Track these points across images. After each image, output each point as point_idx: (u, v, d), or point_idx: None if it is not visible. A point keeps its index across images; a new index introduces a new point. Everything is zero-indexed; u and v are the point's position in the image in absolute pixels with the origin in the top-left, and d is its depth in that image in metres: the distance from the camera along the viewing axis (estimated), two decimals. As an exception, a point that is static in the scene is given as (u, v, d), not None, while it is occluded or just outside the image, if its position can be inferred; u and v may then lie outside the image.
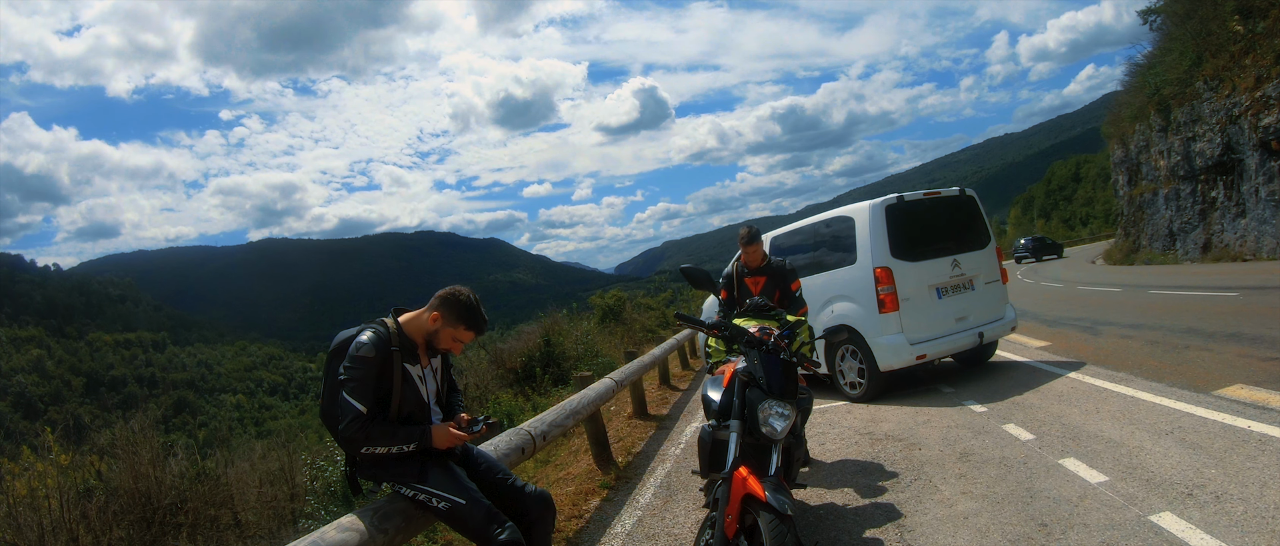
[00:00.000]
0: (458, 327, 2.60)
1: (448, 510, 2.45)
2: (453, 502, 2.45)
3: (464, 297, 2.61)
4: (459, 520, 2.46)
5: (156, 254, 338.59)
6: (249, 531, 5.90)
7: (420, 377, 2.63)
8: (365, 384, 2.44)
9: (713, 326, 3.28)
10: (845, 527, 3.45)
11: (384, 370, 2.50)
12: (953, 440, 4.57)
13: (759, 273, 4.86)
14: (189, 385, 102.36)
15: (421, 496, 2.48)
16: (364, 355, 2.46)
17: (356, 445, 2.43)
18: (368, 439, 2.41)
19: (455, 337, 2.62)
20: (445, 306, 2.59)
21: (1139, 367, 5.85)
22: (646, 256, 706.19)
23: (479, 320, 2.63)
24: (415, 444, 2.46)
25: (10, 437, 46.78)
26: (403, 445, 2.44)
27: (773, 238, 7.76)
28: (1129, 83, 27.78)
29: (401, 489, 2.52)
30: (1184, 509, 2.95)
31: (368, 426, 2.41)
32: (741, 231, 4.88)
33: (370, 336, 2.51)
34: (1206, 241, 20.13)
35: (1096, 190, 69.52)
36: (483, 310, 2.66)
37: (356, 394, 2.41)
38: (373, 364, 2.46)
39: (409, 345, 2.58)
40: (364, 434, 2.40)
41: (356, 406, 2.40)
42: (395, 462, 2.50)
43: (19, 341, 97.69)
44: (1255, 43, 16.99)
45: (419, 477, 2.49)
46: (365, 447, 2.42)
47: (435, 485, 2.47)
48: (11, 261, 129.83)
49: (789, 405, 2.85)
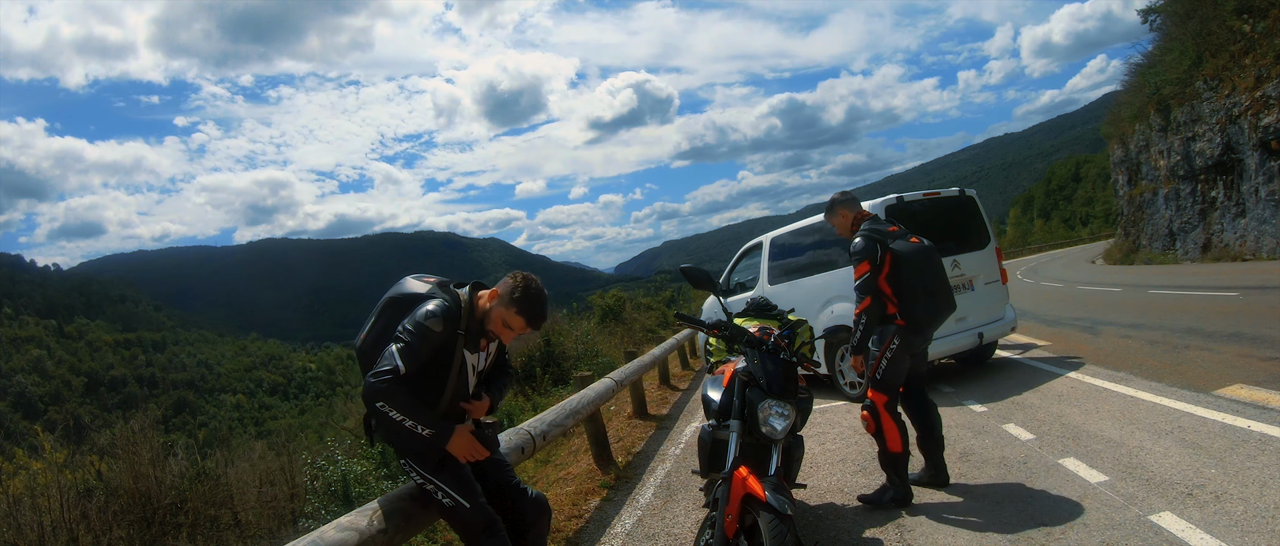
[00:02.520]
0: (510, 311, 2.42)
1: (451, 508, 2.42)
2: (458, 503, 2.40)
3: (527, 283, 2.44)
4: (459, 521, 2.44)
5: (156, 254, 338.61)
6: (249, 531, 5.91)
7: (474, 367, 2.53)
8: (419, 353, 2.32)
9: (713, 326, 3.28)
10: (845, 527, 3.45)
11: (443, 352, 2.39)
12: (953, 440, 4.56)
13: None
14: (189, 385, 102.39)
15: (429, 486, 2.43)
16: (431, 327, 2.33)
17: (375, 397, 2.27)
18: (390, 399, 2.26)
19: (506, 322, 2.44)
20: (505, 287, 2.45)
21: (1139, 367, 5.85)
22: (646, 256, 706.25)
23: (533, 310, 2.42)
24: (431, 434, 2.31)
25: (10, 438, 46.76)
26: (419, 427, 2.30)
27: (773, 238, 7.77)
28: (1129, 82, 27.77)
29: (413, 472, 2.46)
30: (1184, 509, 2.95)
31: (398, 387, 2.27)
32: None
33: (440, 308, 2.36)
34: (1206, 241, 20.12)
35: (1096, 190, 69.54)
36: (545, 305, 2.46)
37: (405, 355, 2.29)
38: (435, 340, 2.34)
39: (475, 330, 2.45)
40: (390, 393, 2.26)
41: (398, 363, 2.27)
42: (416, 440, 2.37)
43: (19, 341, 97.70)
44: (1255, 43, 16.99)
45: (434, 468, 2.43)
46: (381, 405, 2.27)
47: (446, 480, 2.42)
48: (11, 261, 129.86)
49: (789, 405, 2.85)
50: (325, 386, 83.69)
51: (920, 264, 3.46)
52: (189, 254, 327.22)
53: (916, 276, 3.46)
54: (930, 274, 3.49)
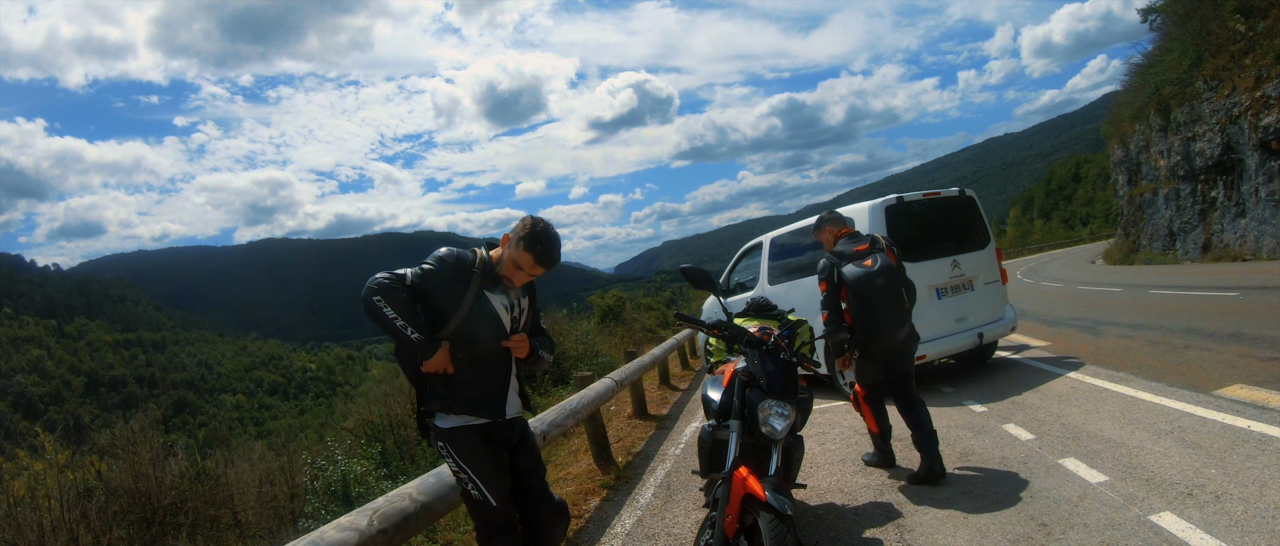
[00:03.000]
0: (518, 249, 2.44)
1: (478, 500, 2.42)
2: (485, 498, 2.41)
3: (535, 223, 2.48)
4: (481, 515, 2.45)
5: (156, 254, 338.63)
6: (249, 531, 5.90)
7: (505, 305, 2.53)
8: (428, 278, 2.39)
9: (713, 326, 3.28)
10: (845, 527, 3.45)
11: (455, 287, 2.42)
12: (953, 440, 4.57)
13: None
14: (189, 385, 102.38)
15: (462, 475, 2.43)
16: (443, 258, 2.42)
17: (373, 292, 2.30)
18: (387, 295, 2.30)
19: (515, 262, 2.46)
20: (514, 230, 2.50)
21: (1139, 367, 5.85)
22: (645, 256, 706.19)
23: (539, 247, 2.41)
24: (420, 339, 2.32)
25: (10, 437, 46.80)
26: (409, 329, 2.31)
27: (773, 238, 7.77)
28: (1129, 82, 27.78)
29: (448, 456, 2.46)
30: (1184, 509, 2.95)
31: (394, 288, 2.32)
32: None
33: (454, 250, 2.47)
34: (1206, 241, 20.12)
35: (1096, 190, 69.54)
36: (553, 244, 2.44)
37: (419, 276, 2.38)
38: (448, 270, 2.41)
39: (492, 272, 2.50)
40: (389, 288, 2.32)
41: (402, 272, 2.36)
42: (461, 432, 2.44)
43: (19, 341, 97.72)
44: (1255, 43, 16.99)
45: (468, 454, 2.42)
46: (377, 299, 2.30)
47: (478, 471, 2.41)
48: (11, 261, 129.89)
49: (789, 405, 2.85)
50: (325, 386, 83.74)
51: (861, 287, 3.89)
52: (189, 254, 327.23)
53: (857, 298, 3.90)
54: (872, 295, 3.88)
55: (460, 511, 4.58)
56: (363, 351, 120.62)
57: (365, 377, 46.08)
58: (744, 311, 4.36)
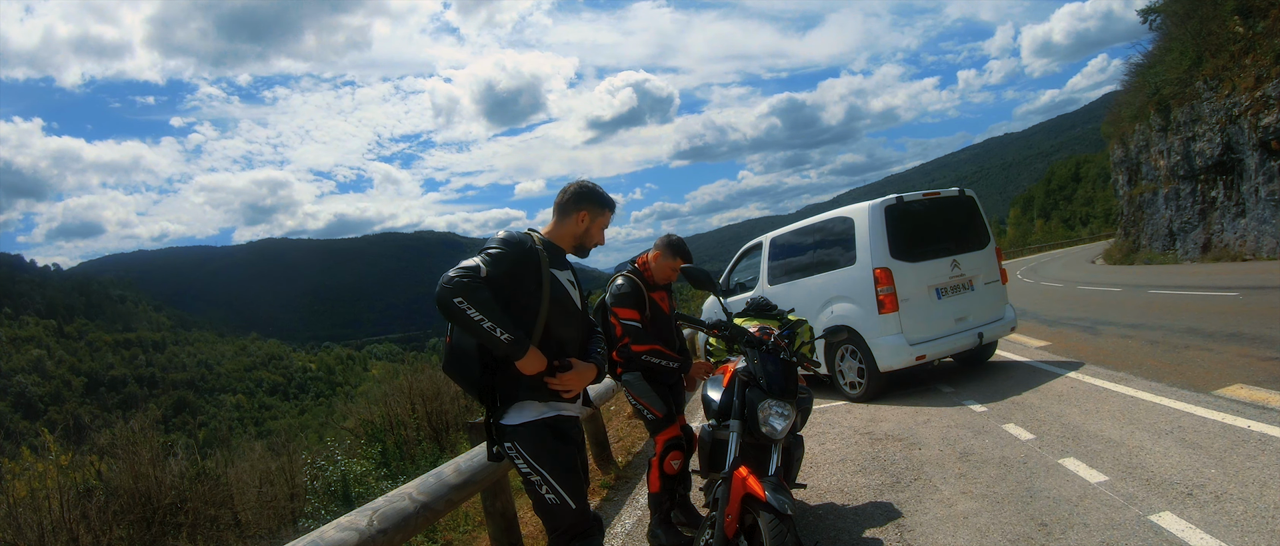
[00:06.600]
0: (603, 213, 2.49)
1: (553, 505, 2.23)
2: (563, 501, 2.23)
3: (590, 184, 2.51)
4: (553, 517, 2.26)
5: (156, 254, 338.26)
6: (249, 531, 5.91)
7: (570, 282, 2.40)
8: (499, 262, 2.20)
9: (713, 326, 3.28)
10: (845, 527, 3.45)
11: (525, 271, 2.25)
12: (952, 440, 4.57)
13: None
14: (189, 385, 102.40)
15: (535, 477, 2.23)
16: (507, 240, 2.26)
17: (453, 293, 2.06)
18: (470, 295, 2.06)
19: (604, 226, 2.51)
20: (585, 200, 2.45)
21: (1139, 367, 5.85)
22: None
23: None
24: (510, 340, 2.09)
25: (10, 437, 46.75)
26: (498, 330, 2.08)
27: (773, 238, 7.76)
28: (1129, 82, 27.79)
29: (518, 457, 2.24)
30: (1184, 509, 2.95)
31: (473, 285, 2.08)
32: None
33: (512, 231, 2.32)
34: (1206, 241, 20.13)
35: (1096, 190, 69.57)
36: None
37: (490, 263, 2.17)
38: (515, 250, 2.24)
39: (555, 248, 2.38)
40: (471, 287, 2.07)
41: (479, 263, 2.15)
42: (531, 429, 2.24)
43: (19, 341, 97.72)
44: (1255, 43, 17.00)
45: (541, 452, 2.23)
46: (459, 301, 2.05)
47: (554, 472, 2.22)
48: (11, 261, 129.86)
49: (789, 405, 2.85)
50: (325, 386, 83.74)
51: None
52: (188, 254, 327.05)
53: None
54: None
55: (460, 511, 4.58)
56: (363, 351, 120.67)
57: (365, 377, 46.07)
58: (744, 311, 4.36)
